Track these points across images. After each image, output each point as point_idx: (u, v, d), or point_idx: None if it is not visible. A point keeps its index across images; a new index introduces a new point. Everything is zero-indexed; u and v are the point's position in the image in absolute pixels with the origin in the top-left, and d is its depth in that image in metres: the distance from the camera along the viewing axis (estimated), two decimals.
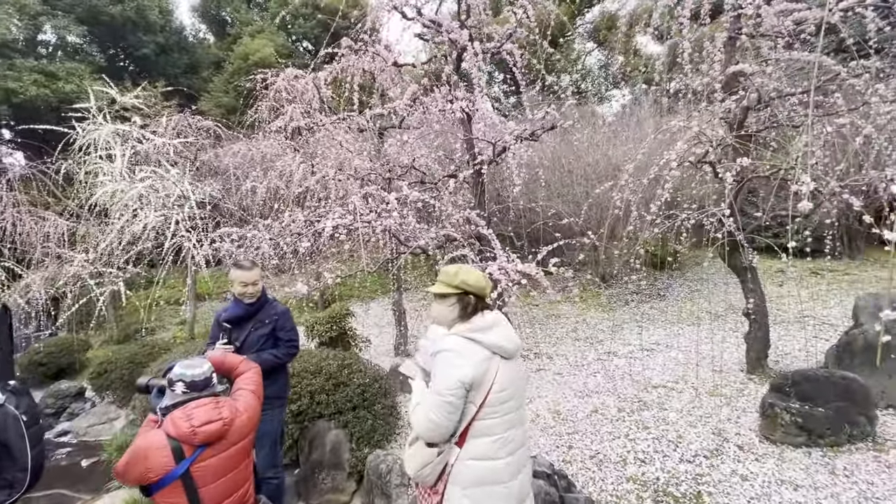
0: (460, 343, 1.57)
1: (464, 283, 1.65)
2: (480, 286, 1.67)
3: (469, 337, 1.58)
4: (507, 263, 2.92)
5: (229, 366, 2.41)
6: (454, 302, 1.66)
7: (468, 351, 1.56)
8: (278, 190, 7.61)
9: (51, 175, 8.94)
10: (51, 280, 7.66)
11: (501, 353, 1.61)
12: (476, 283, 1.66)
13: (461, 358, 1.54)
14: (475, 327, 1.60)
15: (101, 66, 12.50)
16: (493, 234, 3.09)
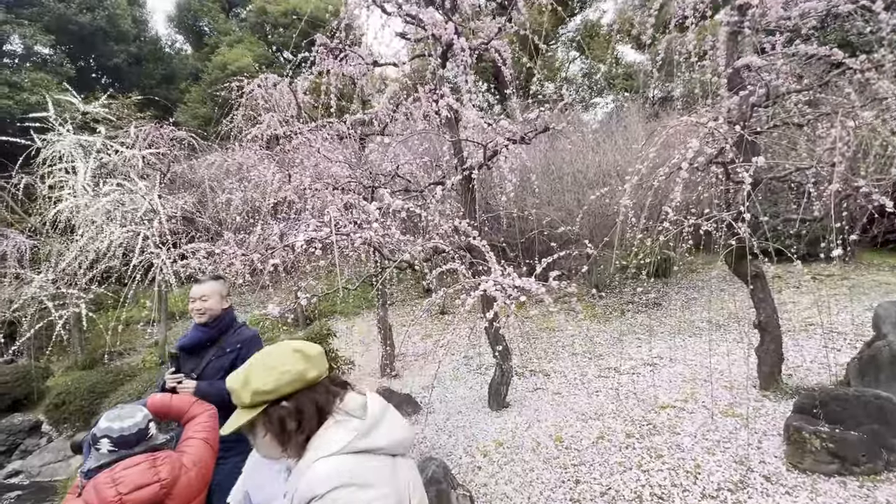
0: (350, 466, 0.91)
1: (261, 393, 0.98)
2: (298, 374, 0.99)
3: (360, 449, 0.94)
4: (503, 278, 2.60)
5: (177, 410, 2.03)
6: (269, 427, 0.99)
7: (371, 474, 0.93)
8: (254, 202, 7.23)
9: (10, 189, 8.39)
10: (7, 302, 7.09)
11: (402, 451, 1.05)
12: (284, 376, 0.98)
13: (368, 489, 0.90)
14: (357, 430, 0.95)
15: (70, 77, 11.98)
16: (486, 245, 2.77)
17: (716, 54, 3.19)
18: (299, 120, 5.80)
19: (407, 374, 5.59)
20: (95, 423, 1.86)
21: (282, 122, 6.93)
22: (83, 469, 1.66)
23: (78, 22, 11.90)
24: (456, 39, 3.09)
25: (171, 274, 6.16)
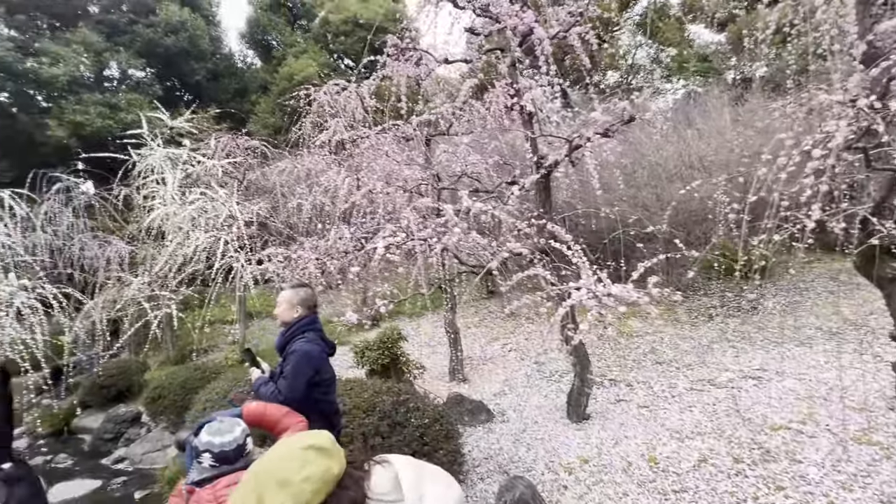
0: None
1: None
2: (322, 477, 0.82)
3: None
4: (596, 285, 2.37)
5: (270, 419, 2.02)
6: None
7: None
8: (324, 206, 7.43)
9: (111, 201, 9.30)
10: (112, 302, 7.82)
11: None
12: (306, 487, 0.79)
13: None
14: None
15: (158, 96, 13.11)
16: (580, 250, 2.54)
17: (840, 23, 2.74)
18: (365, 124, 5.87)
19: (476, 378, 5.45)
20: (197, 428, 1.90)
21: (347, 127, 7.07)
22: (188, 480, 1.68)
23: (164, 44, 12.98)
24: (535, 28, 2.89)
25: (249, 276, 6.47)
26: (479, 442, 3.89)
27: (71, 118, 11.29)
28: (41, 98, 11.86)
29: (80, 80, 11.79)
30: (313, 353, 2.41)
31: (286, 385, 2.32)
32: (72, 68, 11.42)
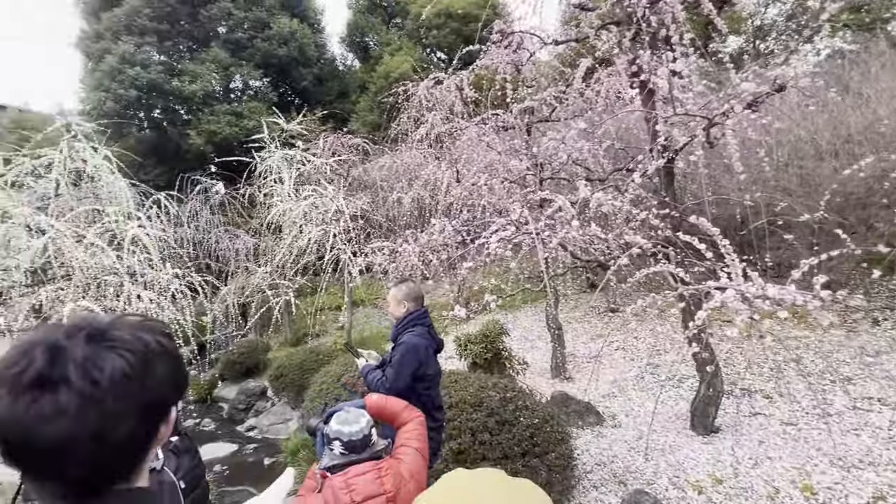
0: None
1: None
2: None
3: None
4: (748, 287, 2.03)
5: (390, 413, 2.06)
6: None
7: None
8: (422, 199, 7.60)
9: (239, 199, 10.51)
10: (241, 289, 8.86)
11: None
12: None
13: None
14: None
15: (274, 102, 14.46)
16: (727, 246, 2.20)
17: None
18: (464, 115, 5.83)
19: (580, 377, 5.18)
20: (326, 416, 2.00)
21: (444, 120, 7.10)
22: (321, 465, 1.76)
23: (277, 55, 14.25)
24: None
25: (355, 267, 6.85)
26: (588, 446, 3.68)
27: (206, 127, 12.93)
28: (183, 112, 13.75)
29: (213, 93, 13.44)
30: (419, 347, 2.44)
31: (391, 374, 2.39)
32: (206, 84, 13.06)
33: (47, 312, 5.40)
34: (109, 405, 0.57)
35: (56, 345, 0.58)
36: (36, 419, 0.54)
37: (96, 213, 6.54)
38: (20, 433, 0.54)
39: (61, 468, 0.57)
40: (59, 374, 0.56)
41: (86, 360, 0.57)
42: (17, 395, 0.54)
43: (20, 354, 0.57)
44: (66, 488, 0.59)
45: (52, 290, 5.45)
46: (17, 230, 5.43)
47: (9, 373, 0.55)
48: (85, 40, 13.32)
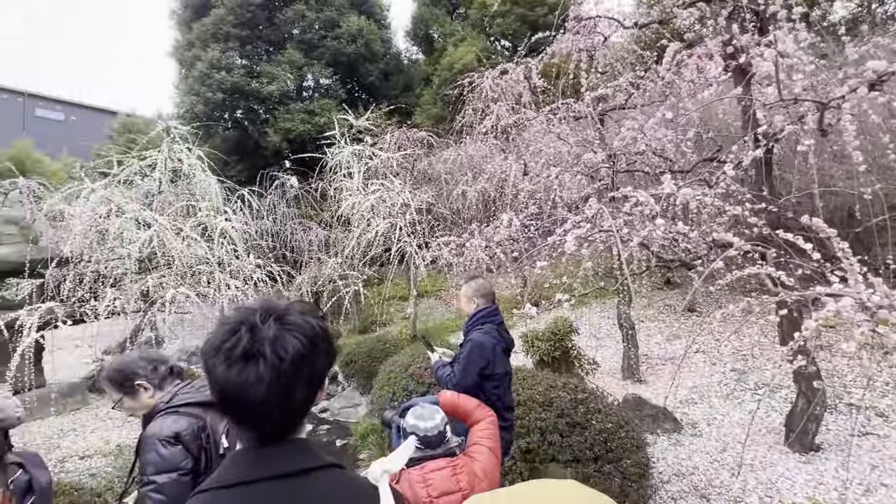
0: None
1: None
2: None
3: None
4: (869, 294, 1.79)
5: (463, 410, 2.08)
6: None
7: None
8: (487, 192, 7.55)
9: (312, 193, 11.09)
10: (314, 278, 9.36)
11: None
12: None
13: None
14: None
15: (342, 99, 15.03)
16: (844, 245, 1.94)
17: None
18: (532, 106, 5.67)
19: (654, 380, 4.91)
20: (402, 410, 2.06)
21: (510, 111, 6.96)
22: (394, 471, 1.83)
23: (346, 52, 14.76)
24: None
25: (420, 259, 6.98)
26: (665, 454, 3.48)
27: (282, 125, 13.75)
28: (262, 111, 14.71)
29: (288, 93, 14.22)
30: (485, 345, 2.43)
31: (459, 372, 2.41)
32: (282, 84, 13.85)
33: (153, 296, 6.08)
34: (290, 376, 0.73)
35: (255, 326, 0.74)
36: (243, 384, 0.71)
37: (191, 208, 7.23)
38: (232, 393, 0.72)
39: (259, 420, 0.75)
40: (257, 350, 0.72)
41: (275, 340, 0.73)
42: (230, 364, 0.72)
43: (229, 333, 0.74)
44: (261, 435, 0.77)
45: (157, 277, 6.11)
46: (129, 224, 6.12)
47: (224, 347, 0.73)
48: (179, 49, 14.64)
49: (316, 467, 0.78)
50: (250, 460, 0.77)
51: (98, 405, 6.42)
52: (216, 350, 0.73)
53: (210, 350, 0.75)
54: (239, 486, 0.73)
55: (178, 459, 1.57)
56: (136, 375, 1.73)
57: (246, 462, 0.77)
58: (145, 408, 1.74)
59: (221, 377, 0.72)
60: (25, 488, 1.82)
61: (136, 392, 1.73)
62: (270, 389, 0.71)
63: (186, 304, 5.82)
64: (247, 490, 0.72)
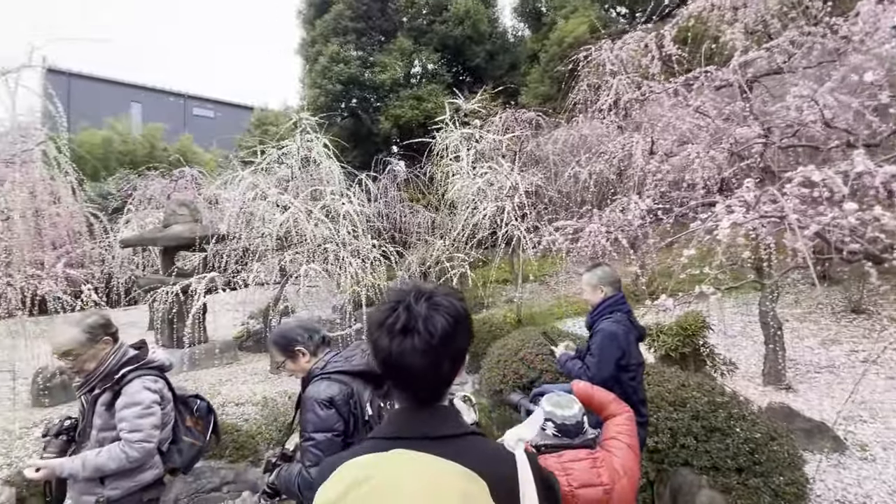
0: None
1: None
2: None
3: None
4: None
5: (598, 403, 2.00)
6: None
7: None
8: (602, 174, 7.09)
9: (420, 177, 11.50)
10: (422, 259, 9.77)
11: None
12: None
13: None
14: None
15: (448, 83, 15.22)
16: None
17: None
18: (664, 77, 5.13)
19: (806, 389, 4.25)
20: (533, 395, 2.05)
21: (632, 85, 6.40)
22: (530, 441, 1.82)
23: (453, 36, 14.83)
24: None
25: (528, 243, 6.86)
26: (823, 476, 3.02)
27: (392, 112, 14.39)
28: (374, 99, 15.54)
29: (398, 80, 14.79)
30: (617, 334, 2.32)
31: (594, 363, 2.31)
32: (393, 72, 14.44)
33: (289, 271, 6.88)
34: (439, 350, 0.84)
35: (410, 305, 0.86)
36: (402, 354, 0.83)
37: (317, 192, 7.96)
38: (394, 361, 0.84)
39: (414, 385, 0.88)
40: (413, 326, 0.83)
41: (427, 318, 0.84)
42: (392, 337, 0.84)
43: (390, 310, 0.86)
44: (416, 398, 0.90)
45: (291, 254, 6.88)
46: (270, 207, 6.96)
47: (387, 322, 0.85)
48: (304, 46, 16.02)
49: (459, 434, 0.87)
50: (404, 420, 0.91)
51: (245, 361, 7.49)
52: (380, 325, 0.86)
53: (374, 325, 0.87)
54: (394, 439, 0.84)
55: (332, 421, 1.73)
56: (295, 342, 1.93)
57: (401, 420, 0.91)
58: (302, 371, 1.95)
59: (385, 347, 0.84)
60: (206, 411, 2.30)
61: (296, 356, 1.94)
62: (423, 359, 0.83)
63: (316, 279, 6.49)
64: (401, 444, 0.81)
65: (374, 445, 0.85)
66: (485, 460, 0.84)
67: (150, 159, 15.93)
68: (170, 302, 6.26)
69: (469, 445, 0.87)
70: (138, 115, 23.60)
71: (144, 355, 2.08)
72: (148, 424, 1.89)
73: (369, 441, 0.90)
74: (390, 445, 0.80)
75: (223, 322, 9.41)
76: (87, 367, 1.95)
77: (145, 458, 1.89)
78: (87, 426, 1.96)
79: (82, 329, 1.91)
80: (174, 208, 7.58)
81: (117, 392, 1.91)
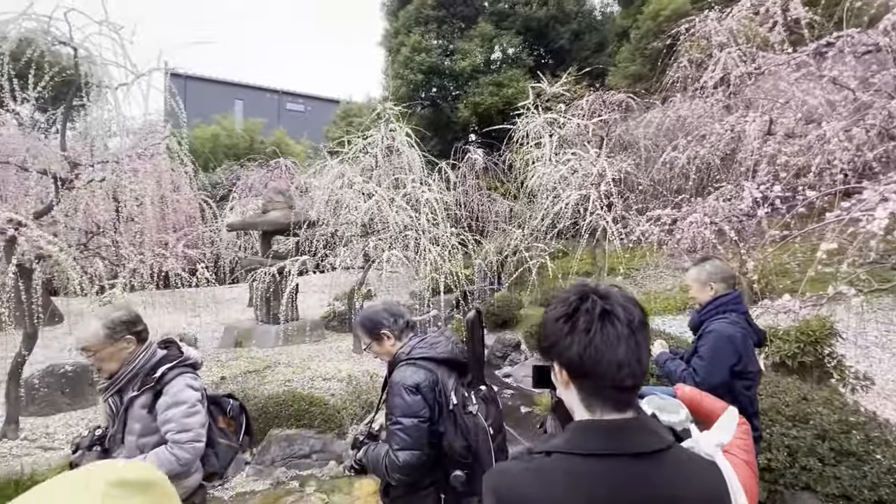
0: None
1: None
2: None
3: None
4: None
5: (706, 411, 1.80)
6: None
7: None
8: (702, 159, 6.42)
9: (498, 165, 11.33)
10: (498, 248, 9.65)
11: None
12: None
13: None
14: None
15: (529, 67, 14.74)
16: None
17: None
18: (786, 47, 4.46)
19: None
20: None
21: (743, 58, 5.68)
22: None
23: (536, 18, 14.30)
24: None
25: (614, 233, 6.46)
26: None
27: (472, 100, 14.29)
28: (453, 87, 15.54)
29: (478, 67, 14.62)
30: (734, 337, 2.06)
31: (703, 368, 2.07)
32: (473, 59, 14.30)
33: (372, 256, 7.17)
34: (639, 338, 0.77)
35: (598, 294, 0.80)
36: (603, 343, 0.75)
37: (399, 181, 8.16)
38: (592, 354, 0.75)
39: (617, 382, 0.76)
40: (612, 311, 0.77)
41: (623, 305, 0.78)
42: (589, 326, 0.76)
43: (578, 300, 0.79)
44: (614, 404, 0.78)
45: (374, 240, 7.15)
46: (355, 195, 7.27)
47: (582, 308, 0.78)
48: (387, 37, 16.43)
49: (665, 448, 0.77)
50: (605, 431, 0.77)
51: (331, 340, 7.98)
52: (568, 316, 0.78)
53: (562, 317, 0.79)
54: (598, 456, 0.74)
55: (418, 407, 1.73)
56: (381, 325, 1.95)
57: (602, 433, 0.77)
58: (388, 354, 1.97)
59: (580, 341, 0.76)
60: (238, 411, 2.16)
61: (381, 339, 1.96)
62: (627, 348, 0.75)
63: (397, 265, 6.69)
64: (604, 462, 0.73)
65: (571, 465, 0.74)
66: (696, 477, 0.78)
67: (250, 151, 17.50)
68: (267, 281, 6.84)
69: (674, 459, 0.78)
70: (240, 111, 25.97)
71: (176, 354, 1.96)
72: (196, 423, 1.79)
73: (562, 457, 0.75)
74: (597, 464, 0.72)
75: (311, 302, 10.11)
76: (108, 367, 1.82)
77: (195, 459, 1.78)
78: (117, 432, 1.82)
79: (104, 324, 1.79)
80: (271, 196, 8.23)
81: (158, 392, 1.79)
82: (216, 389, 5.13)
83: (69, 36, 4.36)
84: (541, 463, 0.76)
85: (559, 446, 0.77)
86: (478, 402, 1.79)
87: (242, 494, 3.97)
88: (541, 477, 0.73)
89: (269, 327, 7.32)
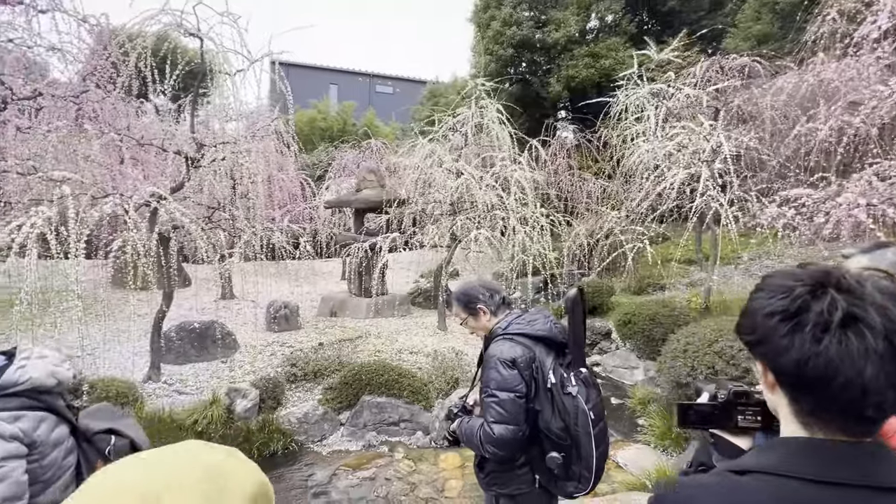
0: None
1: None
2: None
3: None
4: None
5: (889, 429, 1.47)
6: None
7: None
8: (848, 129, 5.37)
9: (592, 142, 10.63)
10: (589, 230, 9.13)
11: None
12: None
13: None
14: None
15: (631, 35, 13.53)
16: None
17: None
18: None
19: None
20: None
21: None
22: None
23: None
24: None
25: (730, 218, 5.74)
26: None
27: (564, 73, 13.52)
28: (543, 61, 14.80)
29: (572, 37, 13.72)
30: None
31: None
32: (567, 30, 13.45)
33: (459, 235, 7.18)
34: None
35: (840, 286, 0.58)
36: (840, 356, 0.55)
37: (487, 160, 8.01)
38: (820, 368, 0.56)
39: (859, 408, 0.56)
40: (860, 316, 0.56)
41: (882, 307, 0.56)
42: (822, 332, 0.56)
43: (809, 294, 0.59)
44: (844, 427, 0.59)
45: (462, 219, 7.13)
46: (444, 173, 7.28)
47: (813, 308, 0.57)
48: (477, 13, 16.05)
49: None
50: (832, 453, 0.59)
51: (417, 315, 8.21)
52: (791, 315, 0.59)
53: (778, 313, 0.60)
54: (825, 484, 0.57)
55: (514, 382, 1.70)
56: (477, 300, 1.93)
57: (827, 456, 0.59)
58: (483, 329, 1.95)
59: (803, 347, 0.57)
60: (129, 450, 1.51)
61: (477, 314, 1.93)
62: (879, 366, 0.54)
63: (483, 244, 6.62)
64: (832, 491, 0.57)
65: (796, 490, 0.58)
66: None
67: (343, 133, 18.41)
68: (360, 257, 7.17)
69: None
70: (335, 95, 27.34)
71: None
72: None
73: (767, 480, 0.59)
74: (820, 492, 0.57)
75: (397, 280, 10.47)
76: None
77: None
78: None
79: None
80: (364, 175, 8.56)
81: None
82: (315, 354, 5.55)
83: (197, 27, 4.81)
84: (735, 482, 0.60)
85: (764, 466, 0.60)
86: (578, 384, 1.71)
87: (338, 452, 4.26)
88: (739, 498, 0.58)
89: (360, 300, 7.72)
